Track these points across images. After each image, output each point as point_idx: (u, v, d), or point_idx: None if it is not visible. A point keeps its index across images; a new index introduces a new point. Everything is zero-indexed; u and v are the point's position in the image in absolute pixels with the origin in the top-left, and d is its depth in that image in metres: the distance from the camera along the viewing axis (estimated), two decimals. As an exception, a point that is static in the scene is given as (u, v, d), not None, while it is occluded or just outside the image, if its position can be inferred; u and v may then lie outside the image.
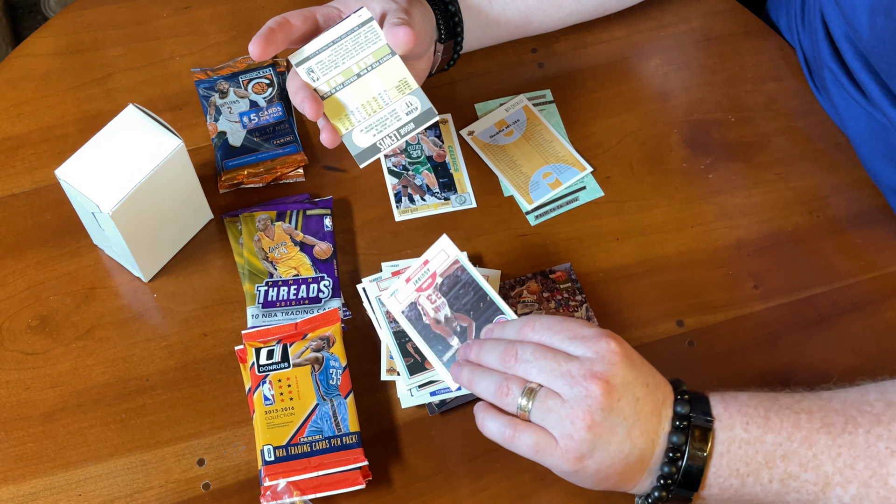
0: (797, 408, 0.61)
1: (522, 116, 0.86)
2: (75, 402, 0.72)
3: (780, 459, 0.59)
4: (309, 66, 0.70)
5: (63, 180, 0.70)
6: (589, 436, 0.59)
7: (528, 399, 0.60)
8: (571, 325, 0.62)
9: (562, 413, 0.59)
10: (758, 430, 0.60)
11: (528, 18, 0.85)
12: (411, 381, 0.70)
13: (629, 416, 0.59)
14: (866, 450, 0.58)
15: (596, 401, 0.58)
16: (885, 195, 0.82)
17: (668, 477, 0.60)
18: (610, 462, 0.60)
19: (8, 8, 1.89)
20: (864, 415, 0.60)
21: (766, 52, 0.90)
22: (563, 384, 0.59)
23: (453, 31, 0.80)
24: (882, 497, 0.58)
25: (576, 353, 0.61)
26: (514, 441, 0.61)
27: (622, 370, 0.60)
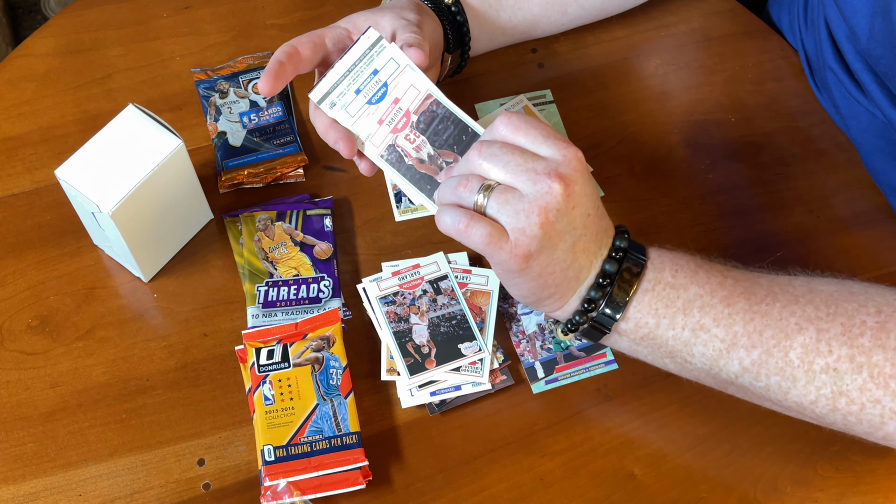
0: (725, 273, 0.64)
1: (522, 116, 0.86)
2: (75, 402, 0.72)
3: (698, 310, 0.62)
4: (332, 101, 0.67)
5: (63, 180, 0.70)
6: (540, 233, 0.59)
7: (485, 194, 0.60)
8: (547, 127, 0.62)
9: (518, 207, 0.59)
10: (684, 279, 0.63)
11: (533, 25, 0.85)
12: (411, 380, 0.70)
13: (578, 227, 0.61)
14: (778, 321, 0.61)
15: (555, 199, 0.59)
16: (885, 194, 0.82)
17: (593, 301, 0.63)
18: (551, 269, 0.61)
19: (8, 8, 1.89)
20: (786, 293, 0.62)
21: (766, 53, 0.90)
22: (525, 179, 0.59)
23: (461, 40, 0.80)
24: (779, 367, 0.60)
25: (543, 153, 0.61)
26: (467, 231, 0.60)
27: (583, 179, 0.61)
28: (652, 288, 0.63)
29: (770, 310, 0.61)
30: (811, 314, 0.61)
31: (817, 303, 0.61)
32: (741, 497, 0.68)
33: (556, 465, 0.69)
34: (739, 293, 0.62)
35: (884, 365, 0.58)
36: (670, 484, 0.69)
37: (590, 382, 0.73)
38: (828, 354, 0.59)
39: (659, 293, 0.63)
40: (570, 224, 0.60)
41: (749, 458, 0.70)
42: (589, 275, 0.63)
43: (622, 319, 0.63)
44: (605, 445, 0.70)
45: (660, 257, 0.64)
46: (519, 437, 0.71)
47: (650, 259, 0.63)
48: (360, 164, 0.70)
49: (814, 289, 0.62)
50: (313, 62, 0.70)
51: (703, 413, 0.71)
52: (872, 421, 0.59)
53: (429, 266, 0.76)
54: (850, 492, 0.69)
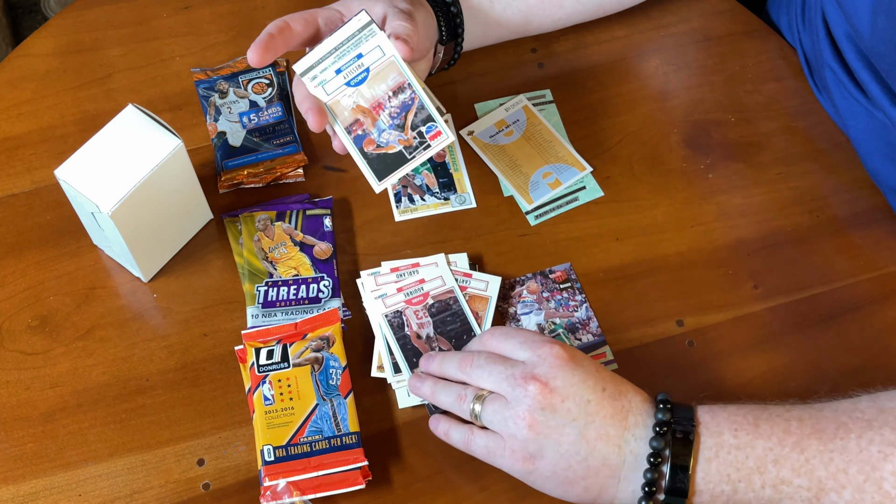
0: (787, 415, 0.61)
1: (522, 116, 0.86)
2: (75, 402, 0.72)
3: (772, 464, 0.59)
4: (314, 75, 0.69)
5: (63, 180, 0.70)
6: (531, 434, 0.61)
7: (479, 404, 0.63)
8: (524, 333, 0.65)
9: (505, 414, 0.62)
10: (747, 437, 0.60)
11: (528, 18, 0.85)
12: (394, 378, 0.71)
13: (579, 417, 0.60)
14: (859, 454, 0.58)
15: (535, 400, 0.61)
16: (885, 195, 0.82)
17: (652, 483, 0.60)
18: (566, 464, 0.61)
19: (8, 8, 1.89)
20: (856, 421, 0.60)
21: (766, 52, 0.90)
22: (507, 386, 0.62)
23: (454, 31, 0.80)
24: (877, 502, 0.58)
25: (521, 357, 0.63)
26: (470, 445, 0.64)
27: (563, 372, 0.61)
28: (716, 455, 0.60)
29: (846, 444, 0.59)
30: (891, 438, 0.58)
31: (893, 423, 0.59)
32: (741, 497, 0.68)
33: (555, 465, 0.69)
34: (808, 435, 0.59)
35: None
36: (670, 484, 0.69)
37: (589, 382, 0.73)
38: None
39: (724, 458, 0.60)
40: (566, 417, 0.60)
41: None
42: (623, 458, 0.61)
43: (694, 495, 0.60)
44: (605, 445, 0.70)
45: (714, 419, 0.61)
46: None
47: (703, 423, 0.61)
48: (334, 140, 0.71)
49: (883, 408, 0.60)
50: (303, 39, 0.71)
51: (703, 413, 0.71)
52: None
53: (429, 267, 0.76)
54: (850, 492, 0.69)
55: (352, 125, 0.69)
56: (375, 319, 0.74)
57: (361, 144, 0.69)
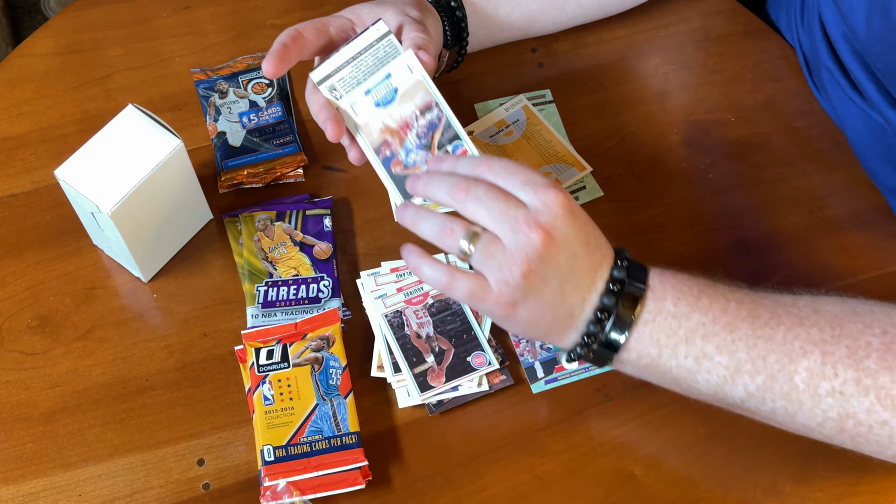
0: (730, 296, 0.63)
1: (522, 116, 0.86)
2: (75, 402, 0.72)
3: (700, 338, 0.61)
4: (331, 85, 0.68)
5: (63, 180, 0.70)
6: (523, 283, 0.60)
7: (471, 242, 0.60)
8: (526, 171, 0.62)
9: (501, 260, 0.60)
10: (686, 307, 0.62)
11: (530, 21, 0.85)
12: (394, 377, 0.71)
13: (565, 270, 0.61)
14: (782, 346, 0.60)
15: (535, 250, 0.59)
16: (883, 195, 0.82)
17: (593, 335, 0.62)
18: (540, 312, 0.62)
19: (8, 8, 1.89)
20: (790, 315, 0.61)
21: (765, 52, 0.90)
22: (507, 229, 0.60)
23: (459, 36, 0.80)
24: (784, 392, 0.60)
25: (524, 199, 0.61)
26: (450, 288, 0.62)
27: (565, 223, 0.60)
28: (653, 319, 0.62)
29: (774, 334, 0.60)
30: (816, 337, 0.60)
31: (822, 325, 0.60)
32: (741, 497, 0.68)
33: (555, 466, 0.69)
34: (743, 318, 0.61)
35: (890, 387, 0.58)
36: (670, 484, 0.69)
37: (589, 382, 0.73)
38: (833, 378, 0.59)
39: (660, 324, 0.62)
40: (555, 269, 0.60)
41: (749, 458, 0.70)
42: (584, 310, 0.62)
43: (624, 350, 0.62)
44: (605, 445, 0.70)
45: (661, 284, 0.63)
46: (518, 438, 0.71)
47: (651, 288, 0.62)
48: (349, 152, 0.70)
49: (818, 309, 0.62)
50: (316, 48, 0.70)
51: (703, 413, 0.71)
52: (881, 441, 0.59)
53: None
54: (850, 492, 0.69)
55: (380, 146, 0.68)
56: (375, 319, 0.74)
57: (389, 166, 0.68)
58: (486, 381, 0.71)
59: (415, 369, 0.71)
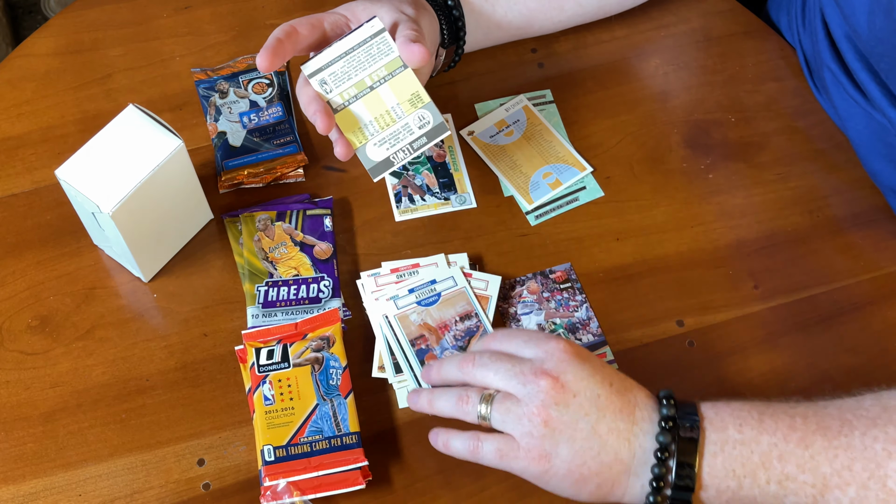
0: (792, 412, 0.61)
1: (522, 116, 0.86)
2: (75, 402, 0.72)
3: (777, 460, 0.59)
4: (322, 78, 0.69)
5: (63, 180, 0.70)
6: (547, 431, 0.60)
7: (487, 405, 0.62)
8: (527, 331, 0.65)
9: (519, 412, 0.60)
10: (752, 432, 0.60)
11: (529, 21, 0.85)
12: (395, 378, 0.71)
13: (591, 411, 0.60)
14: (863, 451, 0.58)
15: (548, 395, 0.60)
16: (884, 195, 0.82)
17: (660, 478, 0.60)
18: (581, 461, 0.60)
19: (8, 8, 1.89)
20: (860, 419, 0.60)
21: (766, 52, 0.90)
22: (516, 383, 0.61)
23: (456, 35, 0.80)
24: (881, 499, 0.58)
25: (528, 355, 0.62)
26: (479, 451, 0.62)
27: (573, 367, 0.61)
28: (721, 450, 0.60)
29: (850, 441, 0.59)
30: (894, 435, 0.58)
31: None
32: (741, 497, 0.68)
33: (555, 465, 0.69)
34: (813, 431, 0.59)
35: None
36: (670, 484, 0.69)
37: (590, 382, 0.73)
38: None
39: (729, 453, 0.60)
40: (579, 412, 0.60)
41: (749, 458, 0.70)
42: (633, 453, 0.61)
43: (700, 489, 0.60)
44: (605, 445, 0.70)
45: (718, 414, 0.61)
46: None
47: (707, 419, 0.61)
48: (336, 146, 0.70)
49: (887, 406, 0.60)
50: (310, 43, 0.71)
51: (703, 413, 0.71)
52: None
53: (431, 268, 0.76)
54: (850, 492, 0.69)
55: (416, 339, 0.71)
56: (376, 320, 0.74)
57: (423, 358, 0.71)
58: None
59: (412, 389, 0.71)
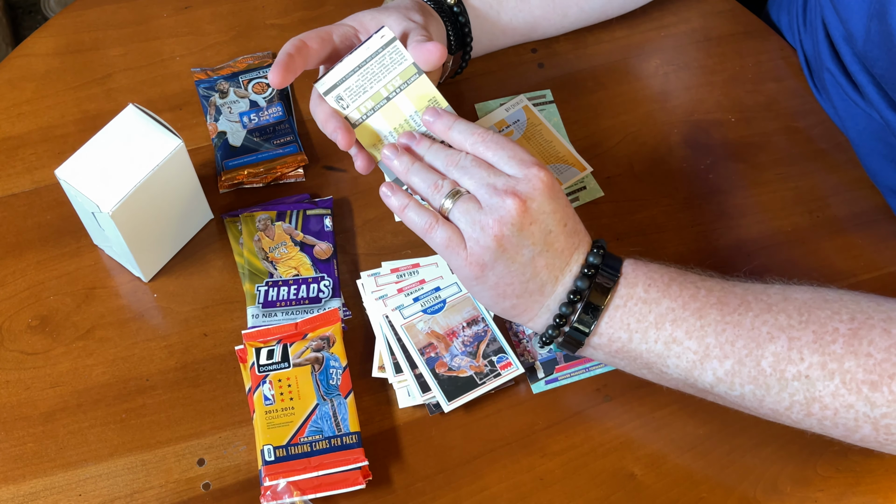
0: (700, 283, 0.64)
1: (522, 116, 0.86)
2: (75, 402, 0.72)
3: (670, 323, 0.63)
4: (338, 94, 0.68)
5: (63, 180, 0.70)
6: (494, 245, 0.62)
7: (452, 200, 0.64)
8: (515, 147, 0.65)
9: (475, 217, 0.62)
10: (656, 294, 0.63)
11: (533, 27, 0.85)
12: (395, 378, 0.71)
13: (538, 242, 0.63)
14: (750, 331, 0.61)
15: (508, 214, 0.62)
16: (884, 195, 0.82)
17: (564, 317, 0.64)
18: (509, 280, 0.64)
19: (8, 8, 1.89)
20: (759, 302, 0.63)
21: (766, 53, 0.91)
22: (484, 192, 0.63)
23: (463, 41, 0.80)
24: (752, 376, 0.61)
25: (508, 171, 0.64)
26: (430, 232, 0.64)
27: (541, 197, 0.63)
28: (624, 304, 0.64)
29: (742, 319, 0.62)
30: (783, 322, 0.61)
31: (790, 311, 0.62)
32: (741, 497, 0.68)
33: (556, 465, 0.69)
34: (712, 304, 0.63)
35: (856, 371, 0.59)
36: (670, 484, 0.69)
37: (590, 382, 0.73)
38: (799, 362, 0.60)
39: (630, 309, 0.64)
40: (528, 239, 0.62)
41: (749, 458, 0.70)
42: (555, 290, 0.65)
43: (594, 334, 0.64)
44: (605, 445, 0.70)
45: (634, 272, 0.65)
46: (519, 437, 0.71)
47: (624, 274, 0.64)
48: (356, 160, 0.70)
49: (788, 297, 0.63)
50: (321, 57, 0.71)
51: (703, 413, 0.71)
52: (847, 425, 0.60)
53: (443, 284, 0.75)
54: (850, 492, 0.69)
55: (425, 347, 0.72)
56: (376, 320, 0.74)
57: (434, 366, 0.71)
58: None
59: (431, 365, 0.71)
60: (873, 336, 0.59)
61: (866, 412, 0.59)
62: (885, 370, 0.58)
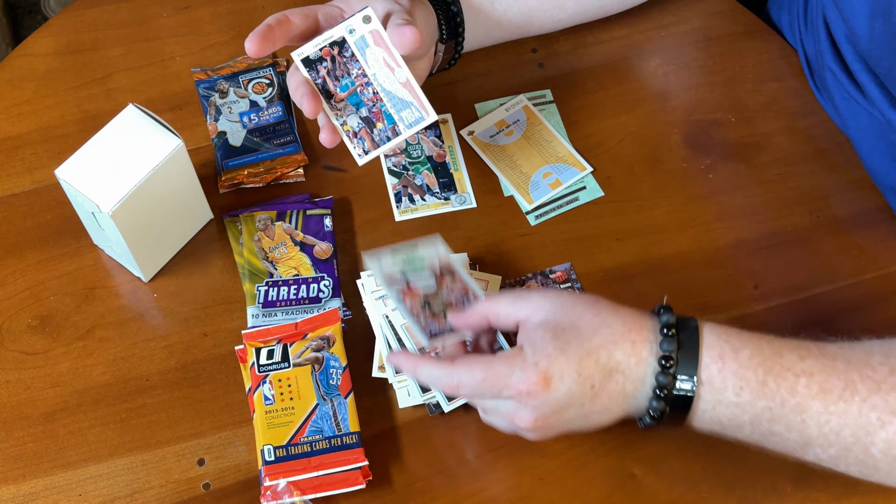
0: (798, 369, 0.59)
1: (522, 116, 0.86)
2: (75, 402, 0.72)
3: (767, 422, 0.59)
4: (312, 64, 0.70)
5: (63, 180, 0.70)
6: (536, 435, 0.63)
7: None
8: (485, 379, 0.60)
9: (506, 426, 0.64)
10: (750, 396, 0.59)
11: (529, 19, 0.85)
12: (395, 378, 0.71)
13: (581, 409, 0.61)
14: (857, 419, 0.58)
15: (535, 435, 0.63)
16: (885, 195, 0.82)
17: (654, 418, 0.61)
18: (577, 426, 0.62)
19: (8, 8, 1.89)
20: (865, 380, 0.58)
21: (766, 53, 0.90)
22: (504, 424, 0.64)
23: (455, 31, 0.80)
24: (860, 460, 0.59)
25: (501, 408, 0.62)
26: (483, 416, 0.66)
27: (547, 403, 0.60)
28: (712, 408, 0.60)
29: (848, 408, 0.58)
30: (894, 405, 0.57)
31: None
32: (741, 497, 0.68)
33: (556, 465, 0.69)
34: (814, 395, 0.58)
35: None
36: (670, 484, 0.69)
37: (590, 382, 0.73)
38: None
39: (721, 412, 0.60)
40: (568, 415, 0.61)
41: (749, 458, 0.70)
42: (629, 406, 0.61)
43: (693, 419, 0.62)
44: (605, 445, 0.70)
45: (720, 373, 0.59)
46: (519, 438, 0.70)
47: (706, 382, 0.59)
48: (322, 132, 0.71)
49: (894, 368, 0.59)
50: (302, 33, 0.71)
51: (703, 413, 0.71)
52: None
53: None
54: (850, 492, 0.69)
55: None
56: (376, 320, 0.74)
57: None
58: None
59: None
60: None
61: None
62: None
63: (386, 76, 0.70)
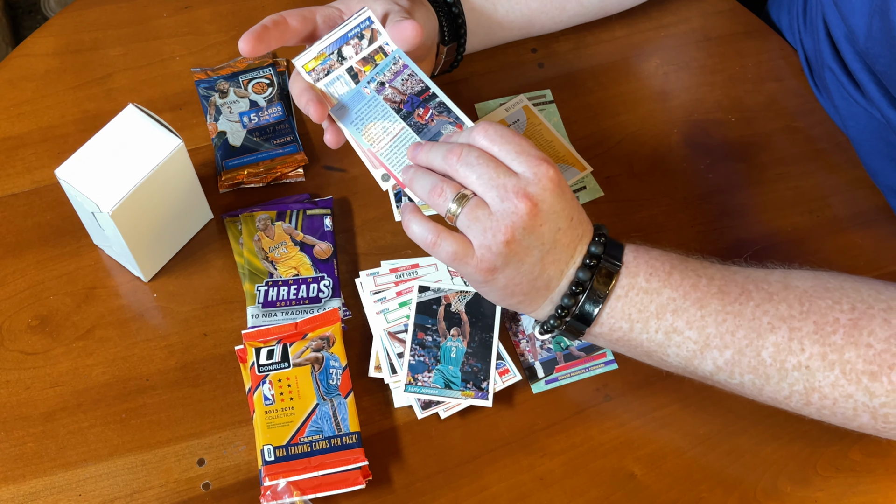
0: (701, 272, 0.64)
1: (522, 116, 0.86)
2: (75, 402, 0.72)
3: (671, 313, 0.63)
4: (313, 69, 0.69)
5: (63, 180, 0.70)
6: (505, 250, 0.61)
7: (459, 204, 0.62)
8: (520, 141, 0.63)
9: (486, 224, 0.61)
10: (658, 283, 0.63)
11: (530, 21, 0.85)
12: (391, 378, 0.71)
13: (547, 242, 0.62)
14: (751, 321, 0.62)
15: (521, 219, 0.61)
16: (884, 195, 0.82)
17: (566, 308, 0.64)
18: (518, 281, 0.63)
19: (8, 8, 1.89)
20: (761, 291, 0.63)
21: (766, 52, 0.90)
22: (495, 195, 0.61)
23: (456, 32, 0.80)
24: (752, 366, 0.62)
25: (516, 169, 0.62)
26: (435, 247, 0.63)
27: (552, 197, 0.62)
28: (625, 294, 0.64)
29: (743, 309, 0.62)
30: (784, 312, 0.61)
31: (791, 300, 0.62)
32: (741, 497, 0.68)
33: (556, 465, 0.69)
34: (713, 294, 0.63)
35: (856, 361, 0.59)
36: (670, 484, 0.69)
37: (590, 382, 0.73)
38: (800, 353, 0.60)
39: (632, 299, 0.63)
40: (538, 240, 0.62)
41: (749, 458, 0.70)
42: (560, 283, 0.65)
43: (596, 324, 0.64)
44: (605, 445, 0.70)
45: (636, 260, 0.64)
46: (519, 437, 0.71)
47: (625, 264, 0.64)
48: (326, 134, 0.71)
49: (789, 285, 0.63)
50: (300, 35, 0.71)
51: (704, 413, 0.72)
52: (846, 414, 0.61)
53: (429, 269, 0.76)
54: (850, 492, 0.69)
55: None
56: (374, 319, 0.74)
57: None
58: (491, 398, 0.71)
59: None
60: (873, 326, 0.60)
61: (865, 402, 0.60)
62: (885, 360, 0.59)
63: None
